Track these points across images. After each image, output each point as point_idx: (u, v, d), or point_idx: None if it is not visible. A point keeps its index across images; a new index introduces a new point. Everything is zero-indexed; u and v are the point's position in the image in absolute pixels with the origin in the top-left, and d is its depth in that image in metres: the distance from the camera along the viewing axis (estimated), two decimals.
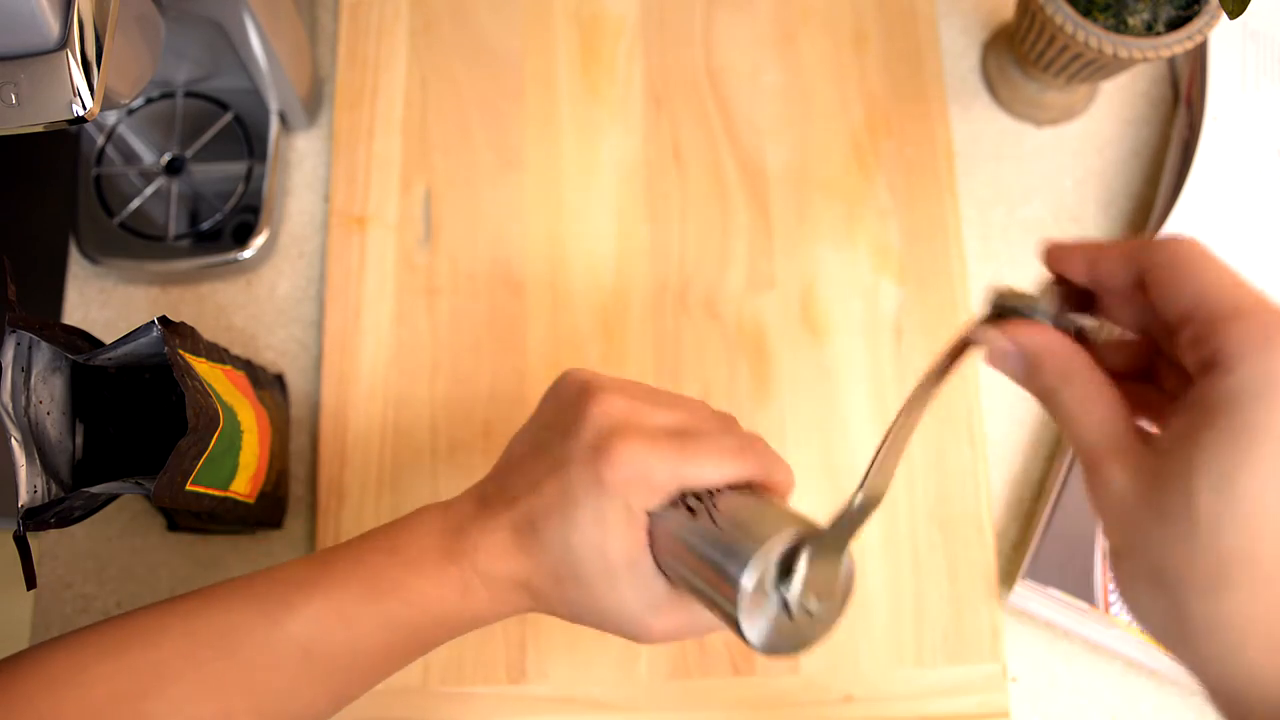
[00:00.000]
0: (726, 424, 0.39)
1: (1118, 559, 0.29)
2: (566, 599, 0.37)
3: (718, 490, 0.36)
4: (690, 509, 0.35)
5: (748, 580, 0.32)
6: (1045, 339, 0.31)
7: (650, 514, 0.36)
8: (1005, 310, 0.32)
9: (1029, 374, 0.31)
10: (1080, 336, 0.32)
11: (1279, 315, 0.26)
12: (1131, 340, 0.33)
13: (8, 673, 0.34)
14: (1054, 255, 0.32)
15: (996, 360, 0.32)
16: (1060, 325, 0.31)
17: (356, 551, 0.38)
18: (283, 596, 0.36)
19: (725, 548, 0.33)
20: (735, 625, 0.33)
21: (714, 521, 0.34)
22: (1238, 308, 0.27)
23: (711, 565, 0.34)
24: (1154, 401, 0.32)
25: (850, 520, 0.33)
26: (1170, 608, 0.27)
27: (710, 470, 0.36)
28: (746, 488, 0.37)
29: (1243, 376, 0.26)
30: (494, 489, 0.39)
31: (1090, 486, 0.29)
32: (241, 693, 0.34)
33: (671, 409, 0.38)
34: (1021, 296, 0.32)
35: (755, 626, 0.33)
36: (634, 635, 0.37)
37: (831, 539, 0.33)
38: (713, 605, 0.34)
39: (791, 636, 0.33)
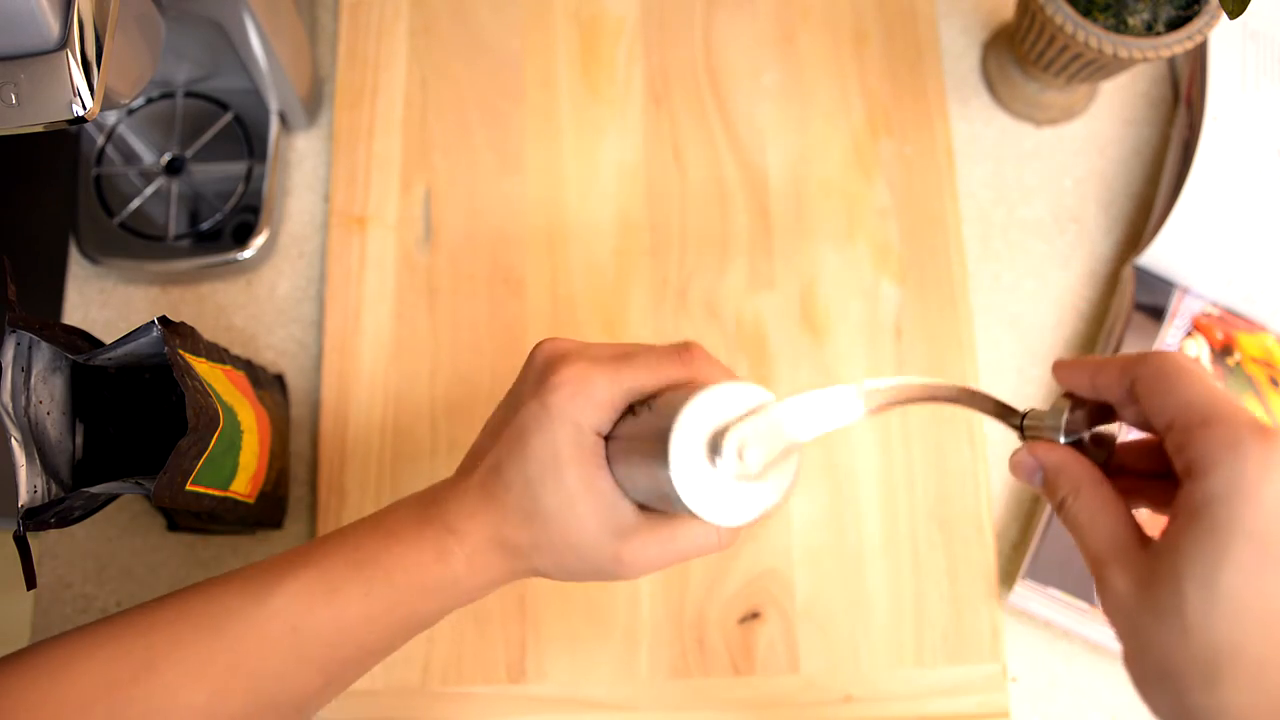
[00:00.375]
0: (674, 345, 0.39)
1: (1129, 661, 0.31)
2: (537, 543, 0.37)
3: (660, 393, 0.36)
4: (635, 415, 0.36)
5: (673, 442, 0.32)
6: (1057, 456, 0.34)
7: (605, 438, 0.36)
8: (1029, 430, 0.36)
9: (1046, 487, 0.34)
10: (1101, 443, 0.35)
11: (1247, 420, 0.29)
12: (1152, 440, 0.35)
13: (3, 665, 0.34)
14: (1060, 372, 0.35)
15: (1021, 474, 0.35)
16: (1074, 438, 0.34)
17: (340, 534, 0.38)
18: (269, 577, 0.36)
19: (659, 429, 0.33)
20: (680, 503, 0.32)
21: (651, 411, 0.35)
22: (1208, 416, 0.29)
23: (650, 450, 0.33)
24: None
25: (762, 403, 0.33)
26: (1175, 703, 0.29)
27: (646, 375, 0.36)
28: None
29: (1215, 481, 0.28)
30: (466, 460, 0.40)
31: (1098, 591, 0.32)
32: (232, 673, 0.35)
33: (618, 345, 0.38)
34: (1041, 416, 0.35)
35: (694, 492, 0.32)
36: (609, 567, 0.37)
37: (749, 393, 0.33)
38: (663, 498, 0.34)
39: (738, 502, 0.33)
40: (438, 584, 0.37)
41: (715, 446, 0.32)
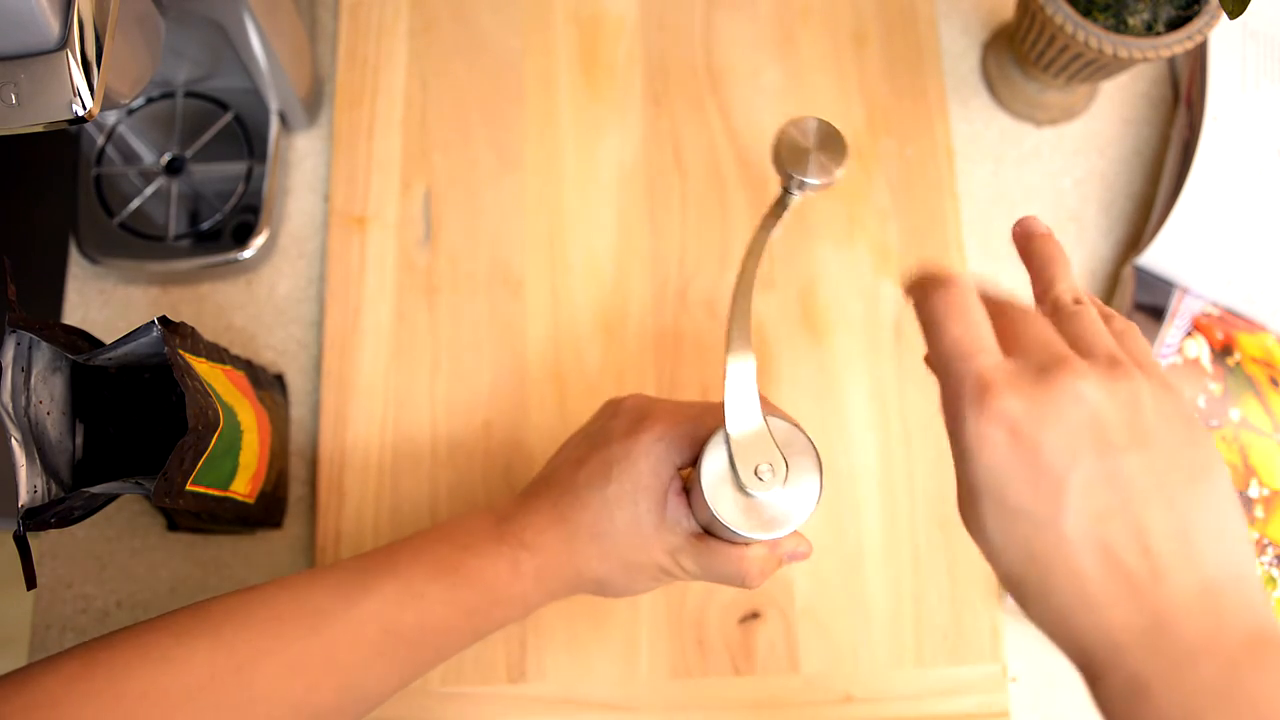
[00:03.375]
0: None
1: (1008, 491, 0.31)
2: (604, 552, 0.42)
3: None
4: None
5: (704, 468, 0.38)
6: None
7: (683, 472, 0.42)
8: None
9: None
10: None
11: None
12: None
13: (105, 648, 0.36)
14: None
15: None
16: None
17: (416, 542, 0.42)
18: (358, 581, 0.40)
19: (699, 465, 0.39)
20: (719, 521, 0.38)
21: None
22: None
23: (698, 481, 0.39)
24: None
25: (740, 387, 0.39)
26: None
27: (715, 422, 0.41)
28: None
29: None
30: (539, 484, 0.45)
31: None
32: (325, 669, 0.38)
33: (693, 402, 0.44)
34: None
35: (724, 508, 0.38)
36: (656, 575, 0.43)
37: (740, 416, 0.38)
38: (712, 521, 0.39)
39: (760, 514, 0.38)
40: (508, 594, 0.42)
41: (735, 470, 0.38)
